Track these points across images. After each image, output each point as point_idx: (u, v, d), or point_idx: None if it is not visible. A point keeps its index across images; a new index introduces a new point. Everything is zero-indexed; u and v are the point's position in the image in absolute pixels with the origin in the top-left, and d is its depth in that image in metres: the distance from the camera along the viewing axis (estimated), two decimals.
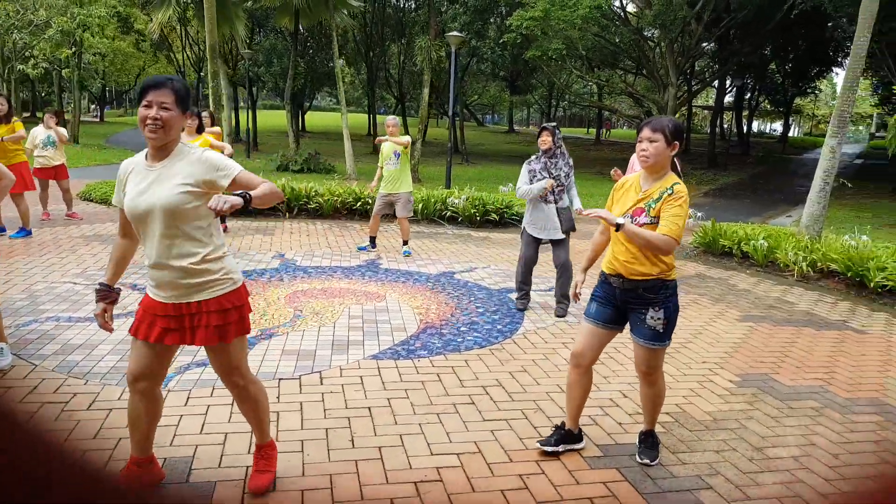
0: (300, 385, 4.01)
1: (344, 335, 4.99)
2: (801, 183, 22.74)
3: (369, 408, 3.75)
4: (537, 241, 5.92)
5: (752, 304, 6.76)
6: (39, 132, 8.93)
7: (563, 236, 5.87)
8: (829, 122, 10.27)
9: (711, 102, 42.64)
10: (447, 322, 5.48)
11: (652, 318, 3.08)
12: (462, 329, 5.32)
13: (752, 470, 3.28)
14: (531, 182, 5.82)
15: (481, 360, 4.65)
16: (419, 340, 4.97)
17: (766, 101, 40.70)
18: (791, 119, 45.86)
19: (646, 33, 24.86)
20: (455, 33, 15.80)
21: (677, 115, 39.51)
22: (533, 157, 5.91)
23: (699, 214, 10.07)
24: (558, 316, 5.89)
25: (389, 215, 8.38)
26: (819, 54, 30.69)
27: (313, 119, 54.03)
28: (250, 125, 28.71)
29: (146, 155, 2.51)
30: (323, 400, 3.82)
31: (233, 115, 30.70)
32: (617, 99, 38.58)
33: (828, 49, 28.96)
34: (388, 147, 7.84)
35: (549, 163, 5.78)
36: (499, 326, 5.46)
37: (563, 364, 4.64)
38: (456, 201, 10.88)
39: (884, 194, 21.57)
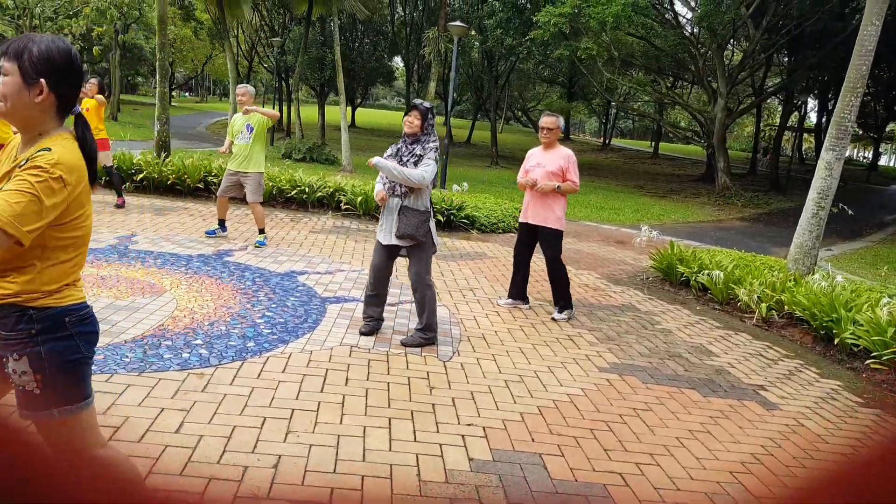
0: None
1: None
2: (868, 216, 20.02)
3: None
4: (387, 249, 4.62)
5: (649, 352, 5.17)
6: None
7: (408, 243, 4.55)
8: None
9: (809, 123, 39.30)
10: (196, 330, 4.25)
11: (14, 370, 1.81)
12: (197, 342, 4.07)
13: None
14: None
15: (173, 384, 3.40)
16: (121, 352, 3.76)
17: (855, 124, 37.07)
18: (883, 146, 41.70)
19: (693, 37, 22.68)
20: (458, 23, 14.49)
21: (763, 139, 36.23)
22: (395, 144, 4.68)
23: (654, 233, 8.37)
24: (403, 344, 4.56)
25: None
26: None
27: (369, 116, 53.68)
28: (292, 116, 28.24)
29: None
30: None
31: (275, 106, 30.35)
32: (676, 112, 36.02)
33: None
34: (240, 121, 6.98)
35: (404, 148, 4.52)
36: (250, 344, 4.18)
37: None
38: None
39: None
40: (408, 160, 4.47)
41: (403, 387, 3.87)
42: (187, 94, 68.66)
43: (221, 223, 7.20)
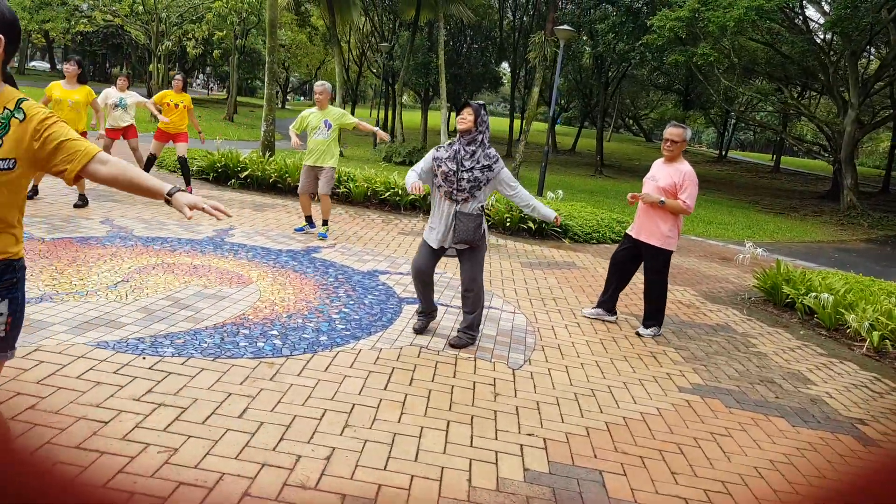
0: None
1: (125, 313, 4.13)
2: None
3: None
4: (433, 251, 4.57)
5: (738, 375, 4.84)
6: (112, 94, 9.17)
7: (461, 248, 4.51)
8: None
9: None
10: (274, 321, 4.40)
11: None
12: (273, 333, 4.21)
13: None
14: (437, 172, 4.48)
15: (224, 369, 3.55)
16: (200, 337, 3.96)
17: None
18: None
19: (825, 43, 21.10)
20: (565, 27, 14.28)
21: None
22: (447, 142, 4.59)
23: (759, 250, 7.78)
24: (452, 346, 4.53)
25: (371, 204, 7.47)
26: None
27: None
28: (394, 121, 28.98)
29: None
30: None
31: (381, 111, 31.12)
32: (801, 124, 33.67)
33: None
34: (317, 117, 7.16)
35: (462, 151, 4.39)
36: (322, 338, 4.28)
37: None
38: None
39: None
40: (471, 165, 4.35)
41: (467, 391, 3.82)
42: (301, 97, 71.84)
43: (309, 220, 7.47)
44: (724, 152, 41.78)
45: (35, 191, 7.15)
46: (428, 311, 4.74)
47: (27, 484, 1.04)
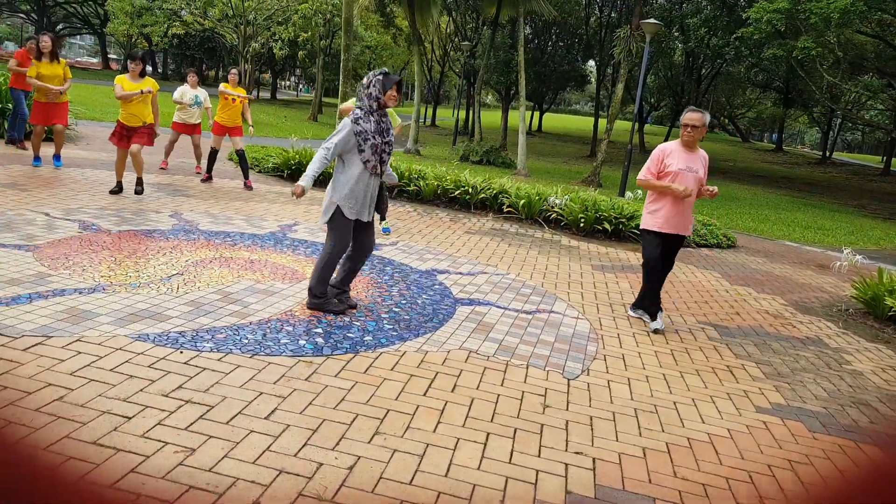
0: None
1: (172, 306, 4.11)
2: None
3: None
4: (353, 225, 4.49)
5: (827, 395, 4.32)
6: (188, 91, 9.48)
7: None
8: None
9: None
10: (320, 318, 4.28)
11: None
12: (316, 330, 4.08)
13: None
14: (364, 147, 4.24)
15: (243, 365, 3.44)
16: (242, 333, 3.88)
17: None
18: None
19: None
20: (651, 20, 13.64)
21: None
22: (359, 111, 4.31)
23: (858, 257, 7.01)
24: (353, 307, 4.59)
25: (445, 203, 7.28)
26: None
27: (558, 120, 52.92)
28: (474, 119, 28.79)
29: None
30: None
31: (462, 110, 30.86)
32: None
33: None
34: None
35: (382, 122, 4.36)
36: (367, 338, 4.11)
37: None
38: (556, 200, 9.18)
39: None
40: (390, 138, 4.41)
41: (514, 401, 3.55)
42: None
43: None
44: (828, 153, 39.14)
45: (119, 187, 7.37)
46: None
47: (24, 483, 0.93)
